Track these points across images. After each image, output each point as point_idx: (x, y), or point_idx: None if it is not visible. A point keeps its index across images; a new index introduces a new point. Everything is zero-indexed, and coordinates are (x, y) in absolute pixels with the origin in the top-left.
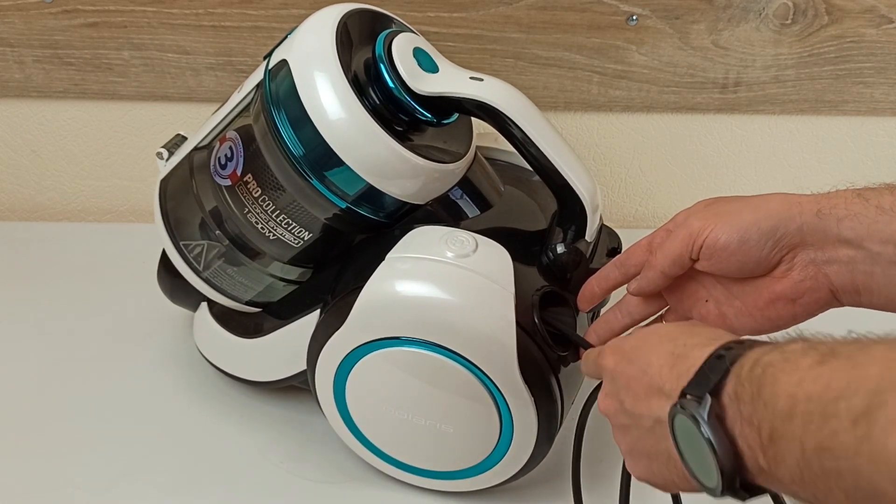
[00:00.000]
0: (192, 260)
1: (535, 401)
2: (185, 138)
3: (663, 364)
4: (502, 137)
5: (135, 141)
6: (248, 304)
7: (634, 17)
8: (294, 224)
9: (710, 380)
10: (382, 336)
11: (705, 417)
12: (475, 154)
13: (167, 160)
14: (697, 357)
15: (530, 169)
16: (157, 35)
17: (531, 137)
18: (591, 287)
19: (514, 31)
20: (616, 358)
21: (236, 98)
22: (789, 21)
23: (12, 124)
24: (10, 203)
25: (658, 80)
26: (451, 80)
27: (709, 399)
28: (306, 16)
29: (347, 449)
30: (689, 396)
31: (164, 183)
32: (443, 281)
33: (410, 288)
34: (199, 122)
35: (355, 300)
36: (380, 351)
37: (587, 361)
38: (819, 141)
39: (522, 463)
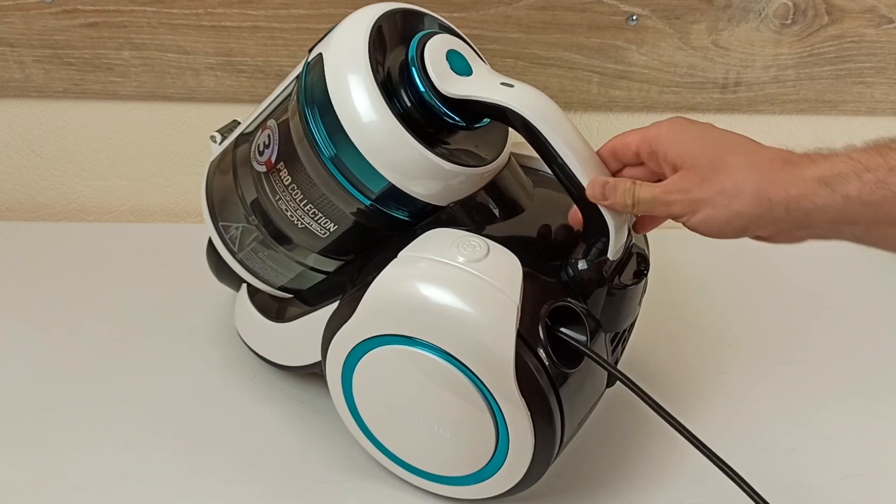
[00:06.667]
0: (227, 241)
1: (531, 415)
2: (238, 123)
3: None
4: None
5: (135, 141)
6: (280, 289)
7: (634, 17)
8: (321, 215)
9: None
10: (386, 332)
11: None
12: (508, 159)
13: (220, 143)
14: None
15: None
16: (157, 35)
17: (556, 148)
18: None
19: (514, 31)
20: None
21: (279, 88)
22: (789, 21)
23: (12, 124)
24: (10, 203)
25: (658, 80)
26: (480, 85)
27: None
28: (307, 16)
29: (348, 448)
30: None
31: (212, 166)
32: (447, 284)
33: (414, 287)
34: (200, 122)
35: (364, 293)
36: (384, 346)
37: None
38: (819, 141)
39: (518, 478)
